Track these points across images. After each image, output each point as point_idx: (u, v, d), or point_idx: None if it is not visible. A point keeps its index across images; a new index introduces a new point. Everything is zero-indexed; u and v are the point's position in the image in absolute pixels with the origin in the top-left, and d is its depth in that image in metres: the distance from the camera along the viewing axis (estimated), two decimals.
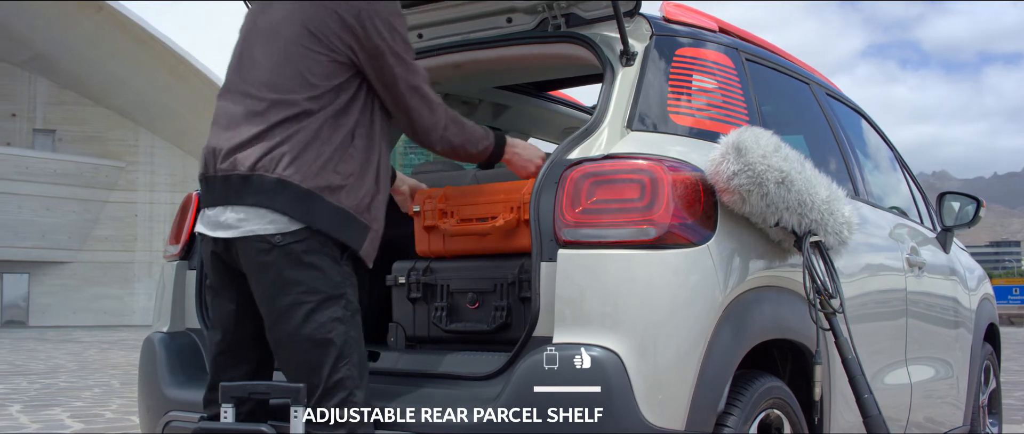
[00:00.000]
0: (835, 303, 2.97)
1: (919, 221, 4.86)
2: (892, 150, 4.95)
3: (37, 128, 34.39)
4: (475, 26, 3.48)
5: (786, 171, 2.82)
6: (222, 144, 2.67)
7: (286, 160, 2.58)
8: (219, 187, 2.66)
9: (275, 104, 2.63)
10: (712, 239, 2.76)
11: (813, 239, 2.96)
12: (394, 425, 2.66)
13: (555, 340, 2.62)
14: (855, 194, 3.99)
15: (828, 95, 4.23)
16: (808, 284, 2.91)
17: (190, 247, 3.42)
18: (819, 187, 2.96)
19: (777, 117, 4.10)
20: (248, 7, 2.95)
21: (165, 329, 3.41)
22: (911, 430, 4.19)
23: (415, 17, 3.57)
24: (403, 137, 5.64)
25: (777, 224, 2.89)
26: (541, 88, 4.65)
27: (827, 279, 2.98)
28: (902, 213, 4.80)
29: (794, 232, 2.93)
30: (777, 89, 3.90)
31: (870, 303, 3.72)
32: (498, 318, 2.98)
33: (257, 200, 2.58)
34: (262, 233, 2.58)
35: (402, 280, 3.17)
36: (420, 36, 3.61)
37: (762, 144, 2.79)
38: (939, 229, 4.93)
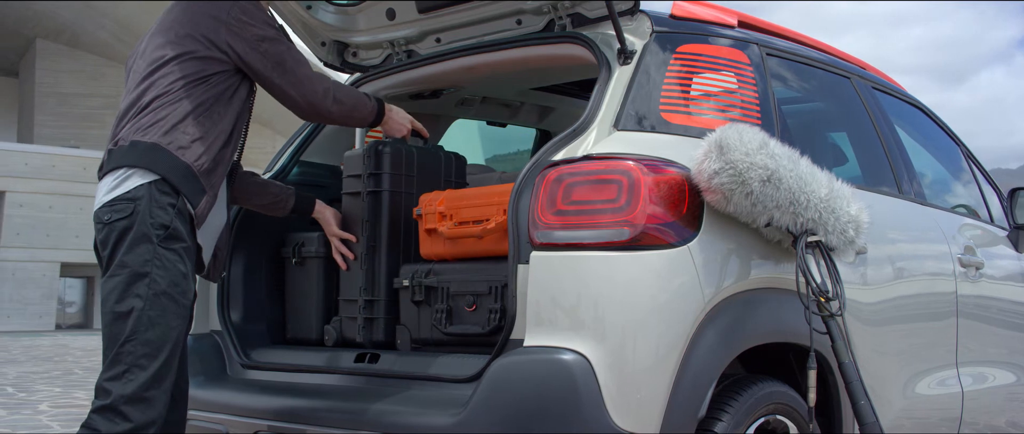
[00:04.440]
0: (834, 305, 2.85)
1: (988, 220, 4.64)
2: (960, 146, 4.73)
3: None
4: (488, 29, 3.50)
5: (772, 169, 2.72)
6: None
7: None
8: None
9: None
10: (694, 240, 2.69)
11: (812, 239, 2.85)
12: (365, 424, 2.72)
13: (526, 343, 2.60)
14: (899, 191, 3.83)
15: (875, 89, 4.07)
16: (802, 285, 2.80)
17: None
18: (817, 185, 2.85)
19: (810, 113, 3.99)
20: None
21: (190, 331, 3.51)
22: (967, 432, 4.00)
23: (433, 22, 3.61)
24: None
25: (769, 224, 2.80)
26: (588, 89, 4.62)
27: (828, 280, 2.87)
28: (971, 212, 4.59)
29: (790, 232, 2.84)
30: (809, 85, 3.78)
31: (902, 305, 3.55)
32: (492, 321, 2.98)
33: None
34: None
35: (406, 283, 3.20)
36: (438, 40, 3.65)
37: (745, 141, 2.71)
38: (1011, 227, 4.69)
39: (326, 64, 3.90)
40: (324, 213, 3.40)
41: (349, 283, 3.36)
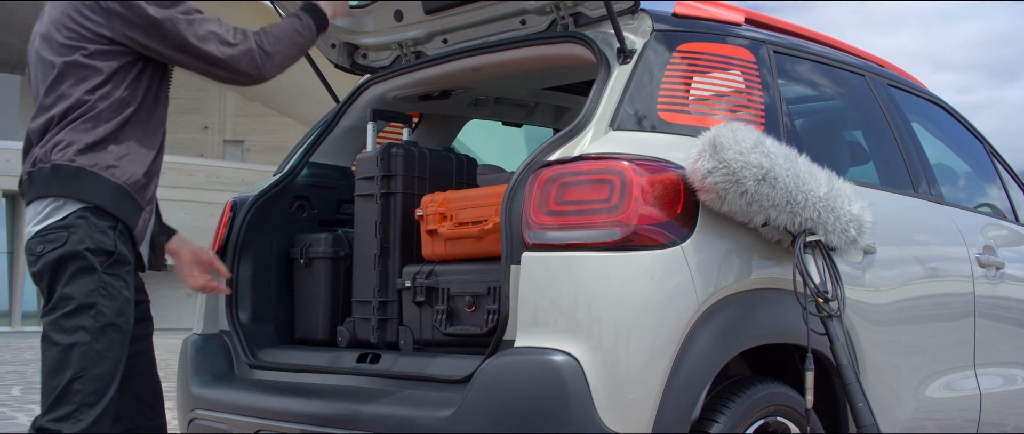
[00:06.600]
0: (833, 306, 2.81)
1: (1014, 220, 4.54)
2: (984, 144, 4.64)
3: (227, 139, 36.00)
4: (493, 29, 3.50)
5: (768, 167, 2.69)
6: None
7: None
8: None
9: None
10: (689, 240, 2.67)
11: (811, 238, 2.82)
12: (359, 424, 2.73)
13: (517, 344, 2.60)
14: (914, 190, 3.77)
15: (891, 86, 4.01)
16: (799, 285, 2.76)
17: (222, 253, 3.54)
18: (815, 183, 2.81)
19: (822, 112, 3.94)
20: None
21: (199, 331, 3.55)
22: (992, 432, 3.93)
23: (439, 23, 3.61)
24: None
25: (767, 223, 2.77)
26: None
27: (827, 280, 2.83)
28: (996, 211, 4.50)
29: (789, 231, 2.80)
30: (821, 83, 3.73)
31: (914, 306, 3.49)
32: (490, 321, 2.97)
33: None
34: None
35: (408, 284, 3.20)
36: (445, 41, 3.65)
37: (739, 140, 2.68)
38: None
39: (337, 66, 3.93)
40: (180, 250, 3.06)
41: (362, 285, 3.37)
